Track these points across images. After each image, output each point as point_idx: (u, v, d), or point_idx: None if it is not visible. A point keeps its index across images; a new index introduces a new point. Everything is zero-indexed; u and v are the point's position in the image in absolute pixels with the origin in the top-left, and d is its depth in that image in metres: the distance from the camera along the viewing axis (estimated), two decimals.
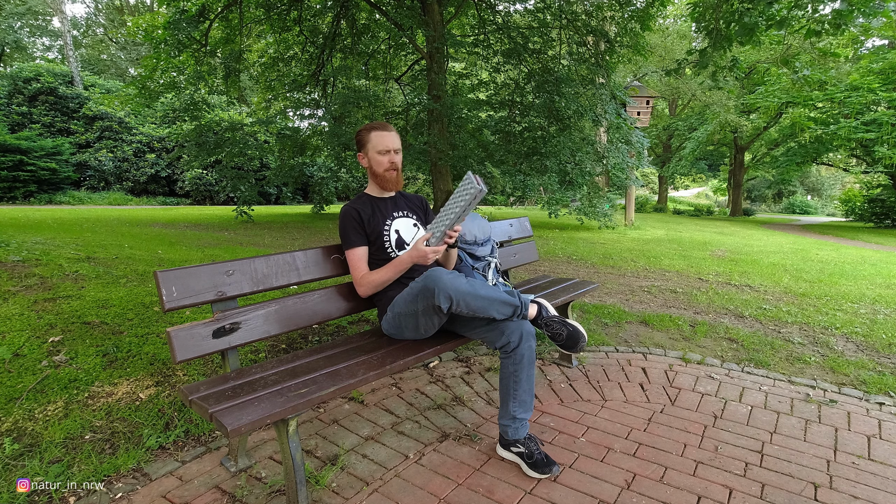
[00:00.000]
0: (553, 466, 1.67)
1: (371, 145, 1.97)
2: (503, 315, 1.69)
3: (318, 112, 11.31)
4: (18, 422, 1.81)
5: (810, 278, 5.37)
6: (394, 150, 1.98)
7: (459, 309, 1.67)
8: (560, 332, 1.76)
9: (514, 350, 1.69)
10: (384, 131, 1.97)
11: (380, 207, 2.03)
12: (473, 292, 1.66)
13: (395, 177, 2.01)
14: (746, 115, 18.89)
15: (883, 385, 2.46)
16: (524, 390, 1.72)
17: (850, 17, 4.18)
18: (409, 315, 1.79)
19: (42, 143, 13.70)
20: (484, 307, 1.67)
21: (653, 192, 32.60)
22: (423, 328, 1.81)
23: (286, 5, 9.88)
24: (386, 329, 1.94)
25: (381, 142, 1.96)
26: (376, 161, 1.98)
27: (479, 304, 1.66)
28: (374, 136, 1.96)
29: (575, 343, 1.75)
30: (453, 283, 1.65)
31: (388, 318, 1.90)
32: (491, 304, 1.67)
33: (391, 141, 1.97)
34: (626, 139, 10.03)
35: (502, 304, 1.68)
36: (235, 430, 1.26)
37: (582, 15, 9.53)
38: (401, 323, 1.84)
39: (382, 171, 1.98)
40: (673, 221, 15.55)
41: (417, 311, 1.75)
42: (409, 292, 1.79)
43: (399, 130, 11.01)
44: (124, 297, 3.05)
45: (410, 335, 1.87)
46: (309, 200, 16.02)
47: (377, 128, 1.98)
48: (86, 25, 29.41)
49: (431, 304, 1.68)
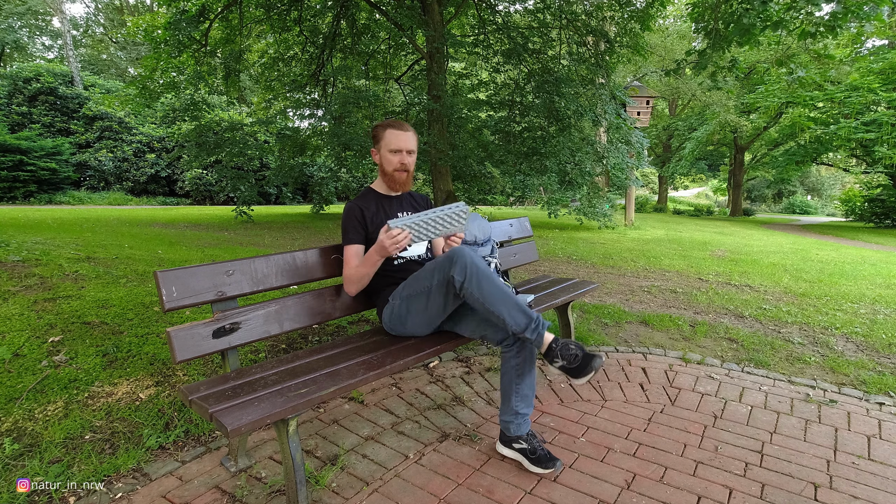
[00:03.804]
0: (556, 462, 1.66)
1: (384, 142, 1.93)
2: (514, 323, 1.59)
3: (318, 112, 11.30)
4: (18, 422, 1.81)
5: (810, 278, 5.37)
6: (406, 151, 1.94)
7: (471, 290, 1.61)
8: (576, 354, 1.59)
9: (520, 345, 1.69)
10: (400, 130, 1.92)
11: (384, 206, 2.01)
12: (490, 275, 1.61)
13: (404, 178, 1.97)
14: (746, 115, 18.89)
15: (883, 385, 2.46)
16: (527, 385, 1.72)
17: (845, 20, 4.21)
18: (421, 293, 1.75)
19: (42, 143, 13.71)
20: (494, 296, 1.59)
21: (653, 192, 32.60)
22: (432, 311, 1.76)
23: (286, 5, 9.87)
24: (387, 322, 1.91)
25: (394, 140, 1.92)
26: (387, 159, 1.94)
27: (490, 289, 1.59)
28: (389, 134, 1.92)
29: (589, 362, 1.58)
30: (473, 259, 1.62)
31: (394, 305, 1.85)
32: (504, 300, 1.59)
33: (405, 141, 1.92)
34: (626, 139, 10.03)
35: (516, 308, 1.59)
36: (235, 430, 1.26)
37: (582, 15, 9.53)
38: (409, 308, 1.79)
39: (391, 170, 1.95)
40: (673, 221, 15.55)
41: (431, 286, 1.71)
42: (426, 268, 1.76)
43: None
44: (124, 297, 3.05)
45: (413, 325, 1.83)
46: (309, 200, 16.01)
47: (393, 126, 1.93)
48: (86, 25, 29.40)
49: (446, 276, 1.65)
